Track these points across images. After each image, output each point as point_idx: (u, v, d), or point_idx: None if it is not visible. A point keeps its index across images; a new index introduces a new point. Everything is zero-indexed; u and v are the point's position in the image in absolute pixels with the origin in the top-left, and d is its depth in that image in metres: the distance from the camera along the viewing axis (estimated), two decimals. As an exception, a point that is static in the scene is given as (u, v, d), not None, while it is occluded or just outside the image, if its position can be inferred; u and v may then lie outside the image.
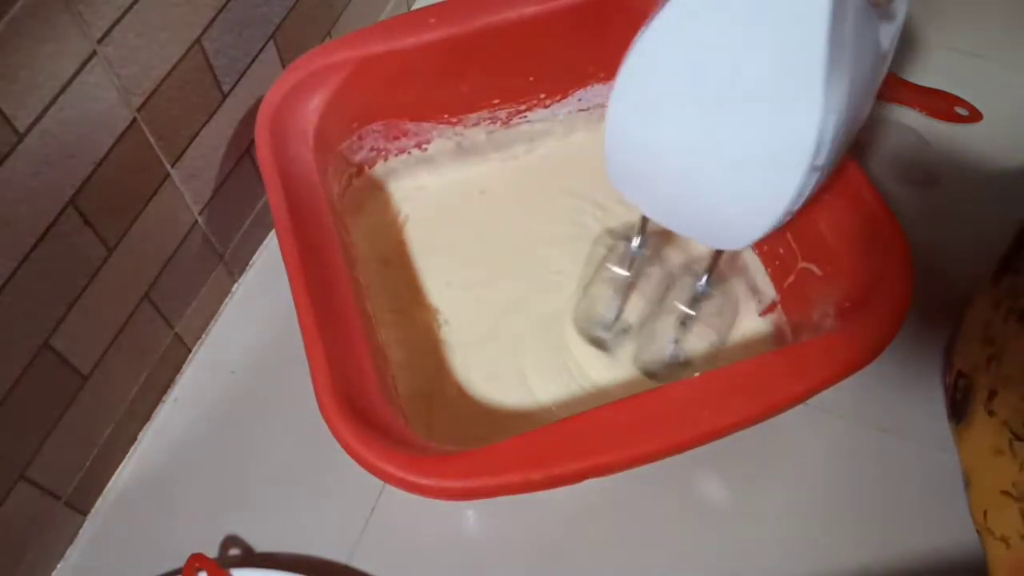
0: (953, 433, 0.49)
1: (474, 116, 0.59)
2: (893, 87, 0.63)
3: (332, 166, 0.53)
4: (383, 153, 0.58)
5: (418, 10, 0.54)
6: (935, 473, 0.50)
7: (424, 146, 0.59)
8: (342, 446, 0.39)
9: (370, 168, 0.58)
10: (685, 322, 0.51)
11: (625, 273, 0.51)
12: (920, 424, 0.51)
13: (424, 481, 0.37)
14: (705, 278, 0.50)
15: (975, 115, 0.62)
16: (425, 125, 0.58)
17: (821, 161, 0.37)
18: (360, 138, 0.56)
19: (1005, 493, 0.42)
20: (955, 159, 0.63)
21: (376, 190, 0.60)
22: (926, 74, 0.64)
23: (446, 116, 0.58)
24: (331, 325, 0.42)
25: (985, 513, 0.44)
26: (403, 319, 0.54)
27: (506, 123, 0.60)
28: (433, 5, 0.54)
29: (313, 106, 0.51)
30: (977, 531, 0.46)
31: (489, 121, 0.59)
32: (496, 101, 0.58)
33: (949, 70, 0.66)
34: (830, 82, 0.35)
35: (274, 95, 0.50)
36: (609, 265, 0.52)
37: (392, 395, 0.46)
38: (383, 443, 0.38)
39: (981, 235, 0.58)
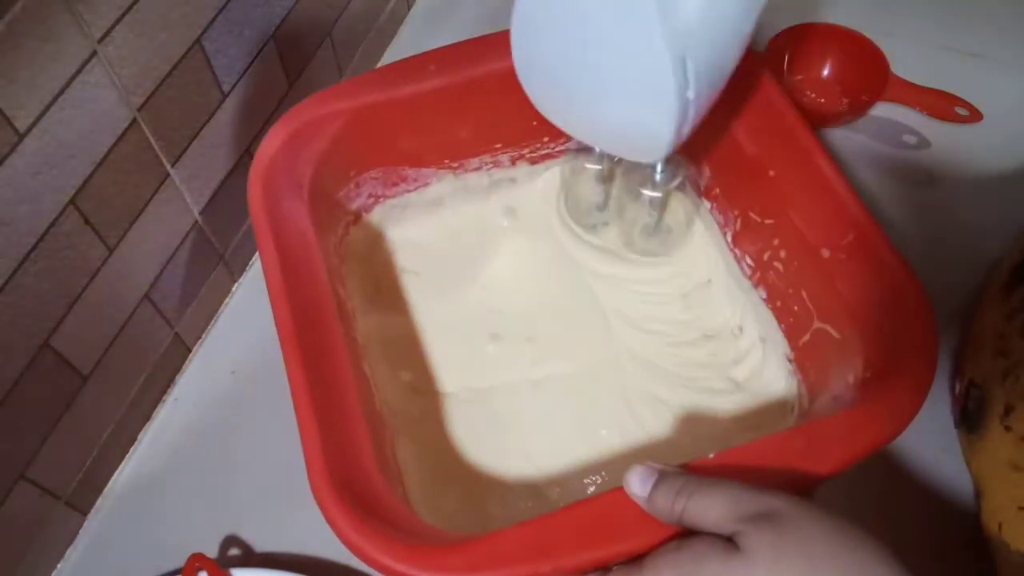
0: (961, 440, 0.49)
1: (475, 161, 0.57)
2: (893, 87, 0.63)
3: (328, 216, 0.51)
4: (380, 199, 0.56)
5: (417, 56, 0.52)
6: (939, 476, 0.50)
7: (423, 191, 0.57)
8: (340, 539, 0.37)
9: (367, 214, 0.57)
10: (652, 201, 0.55)
11: (598, 167, 0.55)
12: (924, 426, 0.51)
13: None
14: (659, 167, 0.52)
15: (975, 115, 0.62)
16: (425, 171, 0.56)
17: (691, 90, 0.40)
18: (357, 186, 0.54)
19: (1023, 509, 0.42)
20: (955, 159, 0.63)
21: (375, 237, 0.58)
22: (926, 74, 0.64)
23: (447, 161, 0.56)
24: (327, 402, 0.40)
25: (1000, 526, 0.43)
26: (400, 378, 0.52)
27: (509, 167, 0.59)
28: (433, 51, 0.52)
29: (309, 157, 0.49)
30: (987, 539, 0.45)
31: (492, 165, 0.58)
32: (498, 146, 0.56)
33: (949, 70, 0.66)
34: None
35: (268, 146, 0.48)
36: (586, 164, 0.55)
37: (389, 465, 0.43)
38: (383, 535, 0.36)
39: (982, 235, 0.58)
